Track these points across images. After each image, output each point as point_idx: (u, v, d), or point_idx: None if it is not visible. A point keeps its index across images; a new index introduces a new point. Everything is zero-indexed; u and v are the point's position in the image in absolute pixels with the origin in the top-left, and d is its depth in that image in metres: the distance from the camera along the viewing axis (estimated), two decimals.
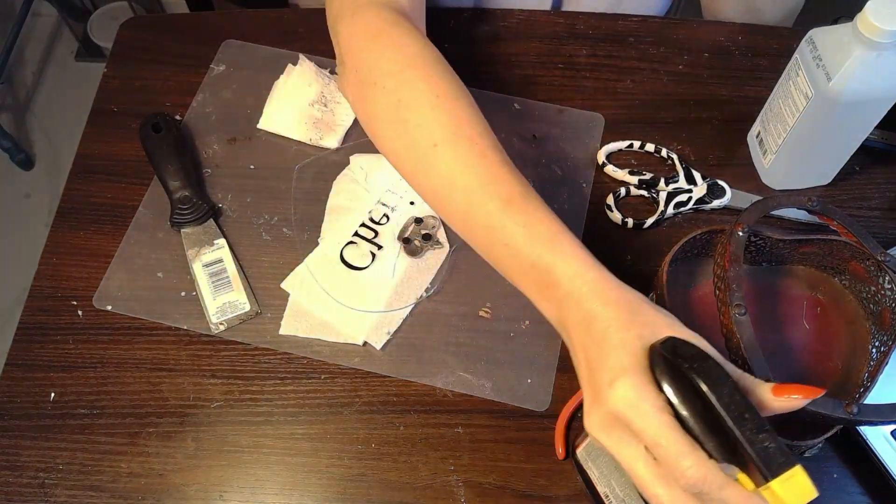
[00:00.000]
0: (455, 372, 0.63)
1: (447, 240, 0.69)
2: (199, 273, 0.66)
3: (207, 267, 0.67)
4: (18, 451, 0.60)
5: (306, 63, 0.77)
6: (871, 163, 0.74)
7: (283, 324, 0.65)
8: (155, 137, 0.70)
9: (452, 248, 0.68)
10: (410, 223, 0.69)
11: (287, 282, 0.66)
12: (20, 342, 0.64)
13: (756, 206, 0.58)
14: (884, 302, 0.59)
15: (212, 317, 0.65)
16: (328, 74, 0.77)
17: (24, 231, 1.68)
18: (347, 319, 0.64)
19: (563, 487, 0.59)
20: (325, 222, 0.69)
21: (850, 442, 0.60)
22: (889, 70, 0.58)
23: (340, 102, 0.75)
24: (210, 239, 0.68)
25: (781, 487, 0.38)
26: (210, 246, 0.68)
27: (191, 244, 0.68)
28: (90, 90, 0.78)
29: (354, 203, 0.70)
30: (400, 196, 0.71)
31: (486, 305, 0.66)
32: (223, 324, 0.64)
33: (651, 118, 0.76)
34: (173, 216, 0.68)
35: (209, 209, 0.69)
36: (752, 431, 0.38)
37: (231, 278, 0.66)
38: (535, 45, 0.81)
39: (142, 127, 0.71)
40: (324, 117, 0.74)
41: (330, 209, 0.70)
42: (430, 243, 0.68)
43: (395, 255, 0.68)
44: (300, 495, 0.59)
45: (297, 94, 0.75)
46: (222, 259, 0.67)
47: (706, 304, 0.64)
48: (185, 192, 0.69)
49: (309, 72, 0.76)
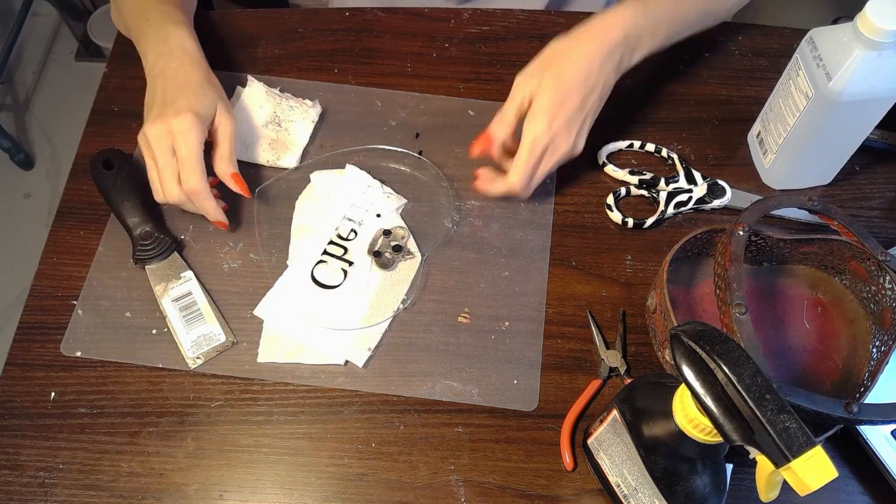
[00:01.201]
0: (440, 381, 0.63)
1: (418, 249, 0.68)
2: (168, 309, 0.65)
3: (177, 301, 0.65)
4: (18, 450, 0.60)
5: (255, 84, 0.75)
6: (871, 163, 0.74)
7: (261, 352, 0.63)
8: (107, 175, 0.68)
9: (424, 256, 0.68)
10: (379, 236, 0.68)
11: (259, 308, 0.65)
12: (20, 342, 0.64)
13: (756, 206, 0.58)
14: (884, 302, 0.59)
15: (187, 352, 0.63)
16: (278, 93, 0.75)
17: (24, 231, 1.68)
18: (326, 340, 0.64)
19: (564, 487, 0.59)
20: (291, 243, 0.68)
21: (850, 442, 0.60)
22: (889, 70, 0.58)
23: (294, 121, 0.74)
24: (176, 273, 0.66)
25: (802, 467, 0.38)
26: (177, 280, 0.66)
27: (157, 280, 0.66)
28: (90, 90, 0.78)
29: (320, 221, 0.69)
30: (365, 210, 0.70)
31: (465, 311, 0.66)
32: (199, 357, 0.63)
33: (651, 118, 0.76)
34: (136, 253, 0.66)
35: (172, 242, 0.67)
36: (773, 412, 0.39)
37: (202, 310, 0.65)
38: (535, 45, 0.81)
39: (92, 165, 0.68)
40: (279, 137, 0.73)
41: (296, 230, 0.69)
42: (402, 254, 0.68)
43: (367, 270, 0.67)
44: (300, 495, 0.59)
45: (249, 116, 0.73)
46: (191, 292, 0.65)
47: (706, 303, 0.64)
48: (146, 228, 0.66)
49: (259, 92, 0.74)
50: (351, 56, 0.79)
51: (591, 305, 0.66)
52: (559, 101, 0.65)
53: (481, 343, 0.64)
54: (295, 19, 0.82)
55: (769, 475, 0.41)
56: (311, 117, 0.74)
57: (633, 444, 0.49)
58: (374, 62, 0.79)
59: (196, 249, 0.68)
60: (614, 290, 0.67)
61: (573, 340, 0.65)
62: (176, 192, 0.63)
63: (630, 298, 0.67)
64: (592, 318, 0.66)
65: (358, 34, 0.81)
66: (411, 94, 0.77)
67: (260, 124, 0.73)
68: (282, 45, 0.80)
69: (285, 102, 0.74)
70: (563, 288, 0.67)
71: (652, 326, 0.63)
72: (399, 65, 0.79)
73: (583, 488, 0.59)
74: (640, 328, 0.66)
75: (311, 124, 0.74)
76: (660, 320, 0.60)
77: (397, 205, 0.70)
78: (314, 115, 0.74)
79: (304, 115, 0.74)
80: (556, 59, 0.67)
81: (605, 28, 0.67)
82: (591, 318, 0.66)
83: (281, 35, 0.81)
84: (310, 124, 0.74)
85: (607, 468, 0.56)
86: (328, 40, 0.81)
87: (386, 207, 0.70)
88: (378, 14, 0.82)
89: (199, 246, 0.69)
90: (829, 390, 0.60)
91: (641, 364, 0.64)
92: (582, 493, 0.59)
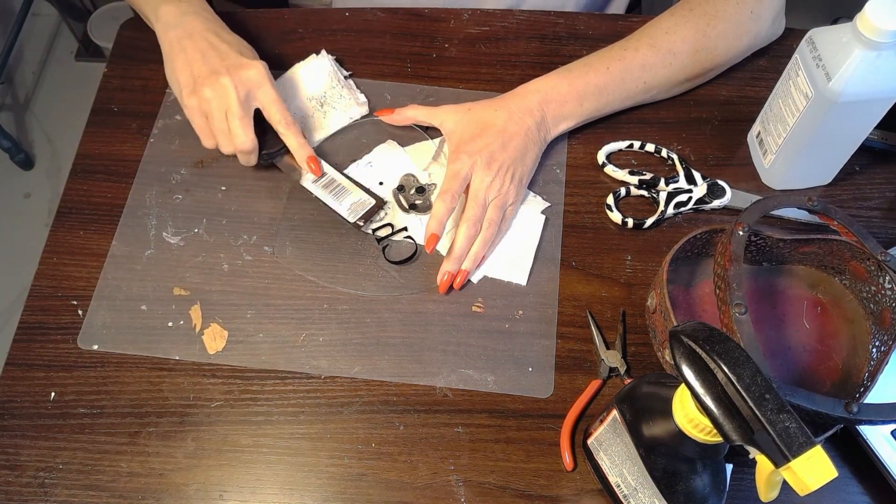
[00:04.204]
0: (456, 370, 0.63)
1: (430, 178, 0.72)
2: (312, 188, 0.69)
3: (317, 182, 0.70)
4: (18, 450, 0.60)
5: (325, 58, 0.76)
6: (871, 163, 0.74)
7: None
8: None
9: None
10: (398, 196, 0.71)
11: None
12: (20, 342, 0.64)
13: (756, 206, 0.58)
14: (884, 302, 0.59)
15: (348, 218, 0.68)
16: (342, 78, 0.76)
17: (24, 231, 1.68)
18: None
19: (563, 487, 0.59)
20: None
21: (850, 442, 0.60)
22: (889, 70, 0.58)
23: (336, 108, 0.74)
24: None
25: (802, 467, 0.38)
26: (306, 168, 0.70)
27: (289, 170, 0.70)
28: (90, 90, 0.78)
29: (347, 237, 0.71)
30: (380, 182, 0.72)
31: (478, 300, 0.66)
32: (361, 220, 0.68)
33: (651, 118, 0.76)
34: (266, 148, 0.69)
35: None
36: (772, 412, 0.39)
37: (343, 184, 0.70)
38: (535, 45, 0.81)
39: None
40: (314, 116, 0.74)
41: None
42: (427, 190, 0.71)
43: (421, 224, 0.69)
44: (300, 495, 0.59)
45: (298, 84, 0.75)
46: (326, 172, 0.70)
47: (706, 303, 0.64)
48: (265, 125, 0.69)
49: (323, 67, 0.76)
50: (351, 56, 0.79)
51: (591, 305, 0.66)
52: (475, 132, 0.68)
53: (496, 332, 0.65)
54: (295, 19, 0.82)
55: (769, 475, 0.41)
56: (350, 113, 0.75)
57: (633, 444, 0.49)
58: (375, 62, 0.79)
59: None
60: (614, 290, 0.67)
61: (573, 340, 0.65)
62: (251, 142, 0.66)
63: (630, 298, 0.67)
64: (592, 318, 0.66)
65: (358, 34, 0.81)
66: (420, 87, 0.78)
67: (305, 96, 0.75)
68: (282, 45, 0.80)
69: (339, 89, 0.75)
70: (563, 288, 0.67)
71: (652, 326, 0.63)
72: (399, 65, 0.79)
73: (583, 488, 0.59)
74: (640, 328, 0.66)
75: (348, 119, 0.75)
76: (660, 320, 0.60)
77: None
78: (355, 113, 0.75)
79: (347, 108, 0.75)
80: (475, 107, 0.71)
81: (523, 90, 0.71)
82: (591, 318, 0.66)
83: (281, 35, 0.81)
84: (347, 119, 0.74)
85: (607, 468, 0.56)
86: (328, 40, 0.81)
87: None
88: (378, 14, 0.82)
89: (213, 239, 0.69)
90: (829, 390, 0.60)
91: (641, 364, 0.64)
92: (582, 493, 0.59)
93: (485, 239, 0.66)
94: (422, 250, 0.68)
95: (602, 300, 0.67)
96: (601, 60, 0.72)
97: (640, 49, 0.72)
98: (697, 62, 0.73)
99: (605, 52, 0.73)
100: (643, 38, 0.72)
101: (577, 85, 0.71)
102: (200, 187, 0.71)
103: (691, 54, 0.72)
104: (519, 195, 0.69)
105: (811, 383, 0.61)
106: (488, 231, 0.66)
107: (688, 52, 0.72)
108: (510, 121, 0.68)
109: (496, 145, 0.67)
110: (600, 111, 0.73)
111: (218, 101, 0.65)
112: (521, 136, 0.68)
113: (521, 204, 0.70)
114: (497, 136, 0.67)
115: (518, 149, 0.68)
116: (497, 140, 0.67)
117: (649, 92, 0.74)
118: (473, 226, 0.65)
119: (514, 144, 0.68)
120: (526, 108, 0.69)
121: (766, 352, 0.54)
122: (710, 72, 0.76)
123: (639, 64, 0.71)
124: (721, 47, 0.73)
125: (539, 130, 0.70)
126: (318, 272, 0.67)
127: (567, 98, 0.70)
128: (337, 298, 0.66)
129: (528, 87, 0.71)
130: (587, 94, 0.71)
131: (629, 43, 0.73)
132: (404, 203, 0.70)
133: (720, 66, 0.76)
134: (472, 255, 0.66)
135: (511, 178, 0.67)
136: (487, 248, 0.67)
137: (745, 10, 0.73)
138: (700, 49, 0.73)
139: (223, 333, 0.64)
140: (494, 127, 0.68)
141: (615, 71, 0.71)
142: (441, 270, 0.66)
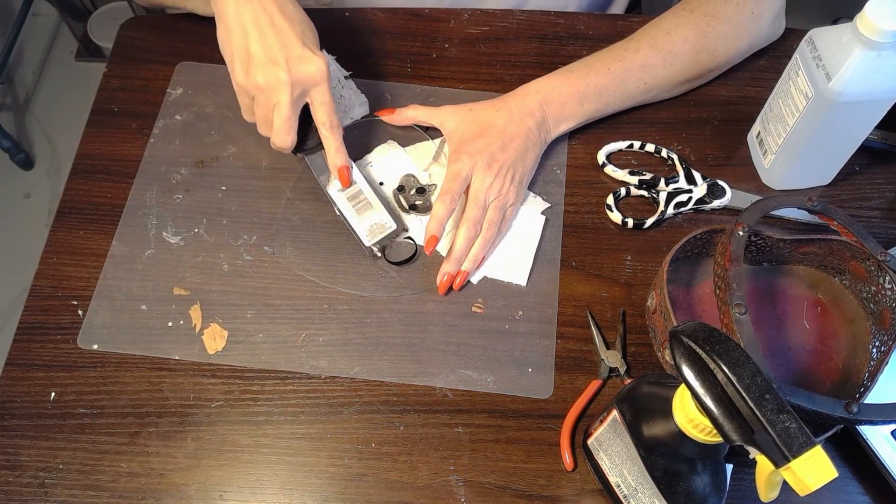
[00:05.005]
0: (456, 370, 0.63)
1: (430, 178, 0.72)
2: (336, 198, 0.68)
3: (343, 191, 0.69)
4: (18, 450, 0.60)
5: (326, 57, 0.75)
6: (871, 163, 0.74)
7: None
8: None
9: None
10: (399, 196, 0.70)
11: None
12: (20, 342, 0.64)
13: (756, 206, 0.58)
14: (884, 302, 0.59)
15: (364, 240, 0.67)
16: (343, 77, 0.75)
17: (24, 231, 1.68)
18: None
19: (564, 487, 0.59)
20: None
21: (850, 442, 0.60)
22: (889, 70, 0.59)
23: (337, 108, 0.73)
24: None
25: (802, 467, 0.38)
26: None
27: (319, 170, 0.69)
28: (90, 90, 0.78)
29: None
30: (380, 182, 0.71)
31: (478, 301, 0.66)
32: (376, 246, 0.67)
33: (651, 118, 0.76)
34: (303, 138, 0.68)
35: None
36: (772, 412, 0.39)
37: (369, 198, 0.68)
38: (535, 45, 0.81)
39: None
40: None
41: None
42: (427, 190, 0.71)
43: (422, 224, 0.69)
44: (300, 495, 0.59)
45: None
46: (355, 181, 0.69)
47: (706, 303, 0.64)
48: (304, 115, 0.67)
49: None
50: (351, 56, 0.79)
51: (591, 306, 0.66)
52: (476, 133, 0.68)
53: (496, 332, 0.65)
54: None
55: (769, 475, 0.41)
56: (351, 113, 0.74)
57: (633, 444, 0.49)
58: (374, 62, 0.79)
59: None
60: (614, 290, 0.67)
61: (573, 341, 0.65)
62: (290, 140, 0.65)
63: (630, 298, 0.67)
64: (592, 318, 0.66)
65: (358, 34, 0.81)
66: (420, 87, 0.78)
67: None
68: None
69: (339, 89, 0.74)
70: (563, 288, 0.67)
71: (652, 326, 0.63)
72: (399, 65, 0.79)
73: (583, 488, 0.59)
74: (640, 328, 0.66)
75: (348, 119, 0.74)
76: (660, 320, 0.60)
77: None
78: (355, 113, 0.75)
79: (347, 108, 0.74)
80: (476, 107, 0.71)
81: (524, 90, 0.71)
82: (591, 318, 0.66)
83: None
84: (347, 119, 0.74)
85: (607, 468, 0.56)
86: (328, 41, 0.80)
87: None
88: (378, 14, 0.82)
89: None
90: (829, 390, 0.60)
91: (641, 364, 0.64)
92: (582, 494, 0.59)
93: (485, 240, 0.66)
94: (422, 251, 0.68)
95: (602, 300, 0.67)
96: (602, 61, 0.72)
97: (640, 50, 0.72)
98: (698, 63, 0.73)
99: (606, 52, 0.73)
100: (644, 39, 0.72)
101: (578, 86, 0.71)
102: (200, 187, 0.71)
103: (692, 55, 0.73)
104: (519, 196, 0.69)
105: (811, 383, 0.61)
106: (488, 232, 0.66)
107: (688, 52, 0.72)
108: (511, 122, 0.68)
109: (497, 146, 0.67)
110: (601, 112, 0.73)
111: (269, 93, 0.62)
112: (522, 137, 0.68)
113: (522, 204, 0.70)
114: (497, 137, 0.67)
115: (518, 150, 0.68)
116: (497, 141, 0.67)
117: (650, 92, 0.74)
118: (473, 227, 0.65)
119: (514, 145, 0.68)
120: (527, 109, 0.69)
121: (766, 352, 0.54)
122: (711, 72, 0.76)
123: (639, 64, 0.72)
124: (721, 48, 0.74)
125: (539, 131, 0.70)
126: (318, 272, 0.67)
127: (568, 99, 0.70)
128: (337, 298, 0.66)
129: (528, 88, 0.71)
130: (588, 95, 0.71)
131: (630, 43, 0.73)
132: (404, 203, 0.70)
133: (721, 67, 0.76)
134: (472, 256, 0.66)
135: (511, 179, 0.67)
136: (487, 249, 0.67)
137: (746, 11, 0.73)
138: (701, 50, 0.73)
139: (223, 333, 0.64)
140: (495, 128, 0.68)
141: (616, 71, 0.71)
142: (441, 271, 0.66)
